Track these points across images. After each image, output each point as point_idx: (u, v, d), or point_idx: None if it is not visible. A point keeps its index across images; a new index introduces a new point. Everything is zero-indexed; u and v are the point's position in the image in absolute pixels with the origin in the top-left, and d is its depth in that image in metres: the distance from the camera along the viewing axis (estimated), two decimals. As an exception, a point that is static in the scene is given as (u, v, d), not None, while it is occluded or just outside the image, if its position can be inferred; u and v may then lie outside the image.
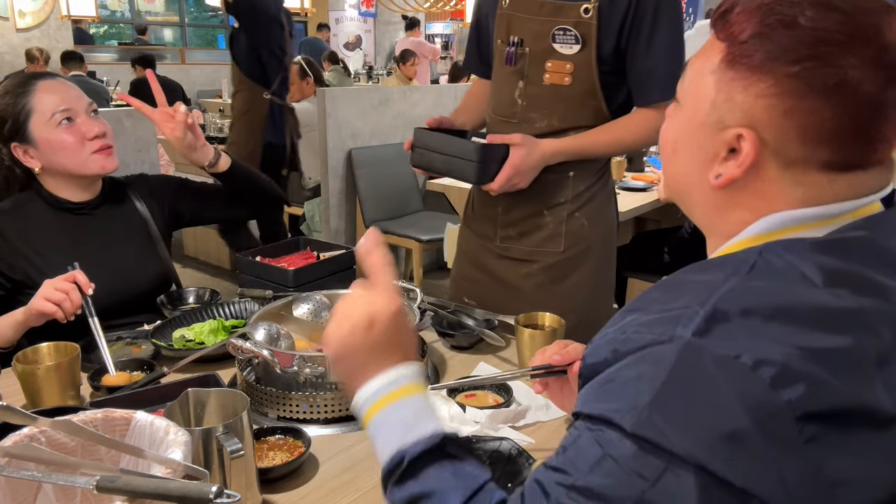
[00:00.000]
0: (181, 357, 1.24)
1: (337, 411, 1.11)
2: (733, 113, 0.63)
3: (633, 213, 2.64)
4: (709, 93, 0.65)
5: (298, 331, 1.26)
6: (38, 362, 1.15)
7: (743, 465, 0.52)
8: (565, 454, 0.60)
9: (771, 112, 0.60)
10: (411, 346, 0.75)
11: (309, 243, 1.83)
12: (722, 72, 0.64)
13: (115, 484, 0.66)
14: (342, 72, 6.66)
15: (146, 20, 10.88)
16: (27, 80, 1.48)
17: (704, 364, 0.54)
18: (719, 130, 0.64)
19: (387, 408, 0.69)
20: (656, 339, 0.57)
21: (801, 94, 0.59)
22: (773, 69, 0.60)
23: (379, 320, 0.71)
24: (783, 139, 0.61)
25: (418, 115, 4.03)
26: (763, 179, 0.63)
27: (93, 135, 1.46)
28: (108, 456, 0.81)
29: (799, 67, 0.59)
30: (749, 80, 0.61)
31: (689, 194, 0.72)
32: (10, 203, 1.52)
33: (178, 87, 6.45)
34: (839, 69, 0.58)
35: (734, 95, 0.63)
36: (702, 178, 0.67)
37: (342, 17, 11.23)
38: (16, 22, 7.69)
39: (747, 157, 0.62)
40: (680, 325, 0.57)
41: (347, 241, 3.82)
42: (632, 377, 0.57)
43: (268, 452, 1.00)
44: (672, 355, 0.55)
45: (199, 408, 0.90)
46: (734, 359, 0.54)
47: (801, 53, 0.59)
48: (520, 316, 1.28)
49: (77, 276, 1.29)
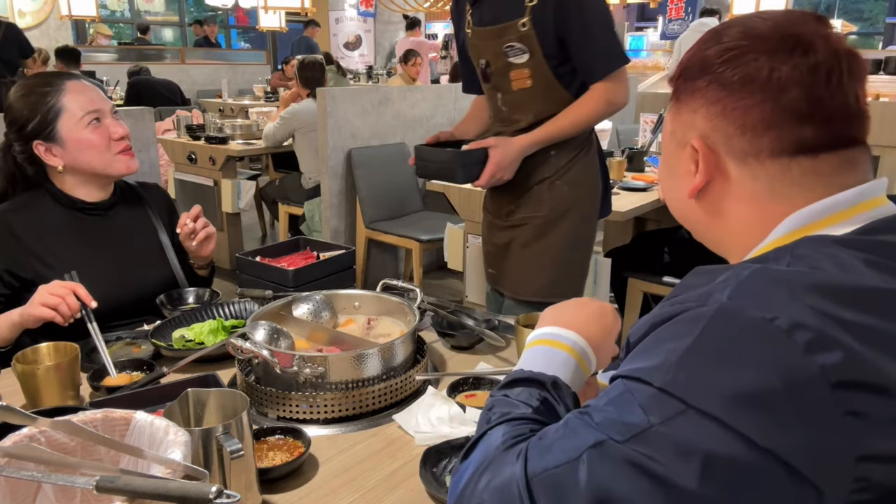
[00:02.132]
0: (181, 357, 1.24)
1: (337, 411, 1.11)
2: (685, 132, 0.73)
3: (633, 213, 2.64)
4: (669, 127, 0.77)
5: (298, 331, 1.26)
6: (37, 362, 1.15)
7: (767, 424, 0.53)
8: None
9: (709, 119, 0.70)
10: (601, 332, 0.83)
11: (309, 243, 1.83)
12: (673, 107, 0.75)
13: (115, 484, 0.66)
14: (336, 72, 6.66)
15: (146, 20, 10.88)
16: (54, 79, 1.48)
17: (738, 324, 0.56)
18: (681, 150, 0.74)
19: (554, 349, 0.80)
20: (690, 306, 0.60)
21: (723, 96, 0.68)
22: (701, 85, 0.70)
23: (602, 309, 0.86)
24: (726, 137, 0.69)
25: (418, 115, 4.03)
26: (729, 181, 0.71)
27: (118, 136, 1.49)
28: (108, 456, 0.80)
29: (712, 75, 0.69)
30: (688, 102, 0.72)
31: (687, 220, 0.79)
32: (22, 201, 1.52)
33: (177, 88, 6.44)
34: (743, 65, 0.67)
35: (681, 118, 0.74)
36: (685, 201, 0.76)
37: (342, 16, 11.23)
38: (16, 21, 7.68)
39: (699, 161, 0.71)
40: (716, 293, 0.60)
41: (347, 241, 3.82)
42: (664, 338, 0.60)
43: (268, 453, 1.00)
44: (705, 316, 0.58)
45: (199, 408, 0.90)
46: (769, 321, 0.55)
47: (718, 62, 0.69)
48: (520, 316, 1.28)
49: (78, 290, 1.30)
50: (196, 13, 11.45)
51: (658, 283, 2.74)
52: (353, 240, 3.85)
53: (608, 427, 0.59)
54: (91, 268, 1.49)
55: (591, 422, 0.60)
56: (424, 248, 3.54)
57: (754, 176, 0.69)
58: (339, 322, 1.35)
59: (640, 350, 0.63)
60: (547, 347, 0.80)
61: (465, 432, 1.04)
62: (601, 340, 0.83)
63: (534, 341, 0.83)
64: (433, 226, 3.57)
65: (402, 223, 3.71)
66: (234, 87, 8.36)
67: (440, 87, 4.52)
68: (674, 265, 2.74)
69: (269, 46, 11.44)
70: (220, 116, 5.26)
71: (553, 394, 0.74)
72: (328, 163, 3.62)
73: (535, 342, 0.82)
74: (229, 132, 4.34)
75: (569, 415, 0.65)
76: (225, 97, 7.12)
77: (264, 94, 7.33)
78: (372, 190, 3.71)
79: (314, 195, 3.98)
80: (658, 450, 0.55)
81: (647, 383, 0.58)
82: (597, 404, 0.62)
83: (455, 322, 1.41)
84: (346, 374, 1.11)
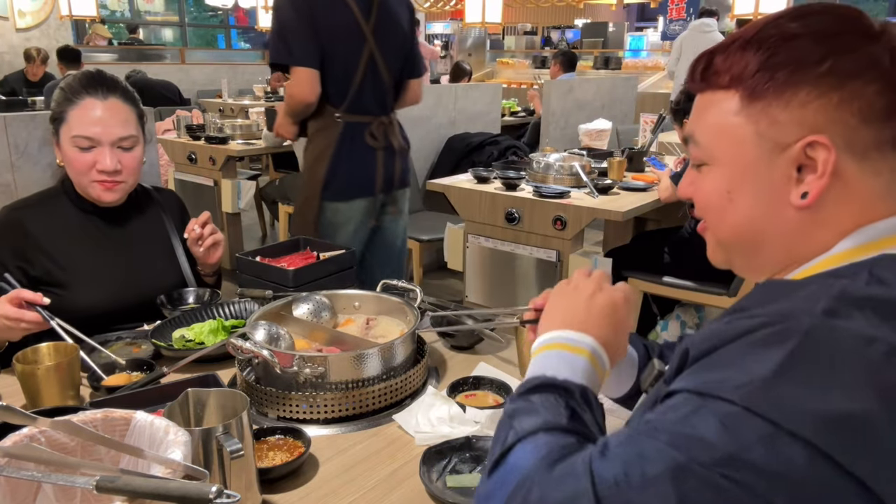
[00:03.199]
0: (181, 357, 1.24)
1: (337, 411, 1.11)
2: (786, 131, 0.64)
3: (633, 213, 2.64)
4: (746, 131, 0.67)
5: (298, 331, 1.26)
6: (37, 362, 1.15)
7: (863, 450, 0.50)
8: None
9: (825, 111, 0.63)
10: (613, 333, 0.78)
11: (309, 243, 1.83)
12: (747, 108, 0.66)
13: (115, 484, 0.66)
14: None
15: (146, 20, 10.88)
16: (81, 87, 1.47)
17: (834, 344, 0.53)
18: (780, 153, 0.65)
19: (567, 352, 0.74)
20: (773, 321, 0.56)
21: (841, 84, 0.62)
22: (803, 77, 0.63)
23: (612, 303, 0.79)
24: (847, 129, 0.63)
25: (418, 114, 4.03)
26: (845, 181, 0.64)
27: (101, 168, 1.46)
28: (108, 456, 0.80)
29: (828, 63, 0.62)
30: (784, 98, 0.64)
31: (762, 234, 0.69)
32: (36, 198, 1.54)
33: (175, 88, 6.44)
34: (860, 51, 0.62)
35: (777, 117, 0.65)
36: (777, 211, 0.67)
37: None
38: (15, 22, 7.69)
39: (826, 161, 0.63)
40: (801, 311, 0.56)
41: (347, 241, 3.81)
42: (744, 353, 0.55)
43: (268, 452, 1.00)
44: (797, 333, 0.54)
45: (199, 408, 0.90)
46: (868, 341, 0.53)
47: (821, 52, 0.63)
48: (520, 316, 1.28)
49: (22, 294, 1.24)
50: (196, 13, 11.46)
51: (658, 282, 2.74)
52: (353, 240, 3.84)
53: (688, 447, 0.53)
54: (101, 269, 1.50)
55: (664, 438, 0.55)
56: (424, 248, 3.54)
57: (877, 171, 0.64)
58: (338, 322, 1.35)
59: (710, 364, 0.58)
60: (566, 353, 0.74)
61: (465, 432, 1.04)
62: (613, 339, 0.77)
63: (548, 345, 0.76)
64: (433, 226, 3.56)
65: (402, 223, 3.71)
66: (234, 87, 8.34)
67: (440, 87, 4.52)
68: (674, 265, 2.74)
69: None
70: (220, 116, 5.25)
71: (581, 404, 0.68)
72: (328, 163, 3.61)
73: (549, 346, 0.75)
74: (229, 132, 4.33)
75: (631, 428, 0.59)
76: (225, 97, 7.11)
77: (264, 94, 7.33)
78: (372, 190, 3.70)
79: (314, 195, 3.98)
80: (748, 474, 0.51)
81: (729, 401, 0.53)
82: (663, 419, 0.56)
83: (455, 322, 1.41)
84: (346, 374, 1.11)
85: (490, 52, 11.07)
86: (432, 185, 3.11)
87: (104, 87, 1.48)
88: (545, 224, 2.72)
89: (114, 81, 1.51)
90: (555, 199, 2.69)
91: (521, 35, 12.43)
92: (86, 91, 1.46)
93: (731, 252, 0.74)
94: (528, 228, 2.77)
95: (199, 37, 11.68)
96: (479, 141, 4.06)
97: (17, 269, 1.45)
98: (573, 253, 2.70)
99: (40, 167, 1.95)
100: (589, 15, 13.12)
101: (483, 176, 3.04)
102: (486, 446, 1.01)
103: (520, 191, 2.85)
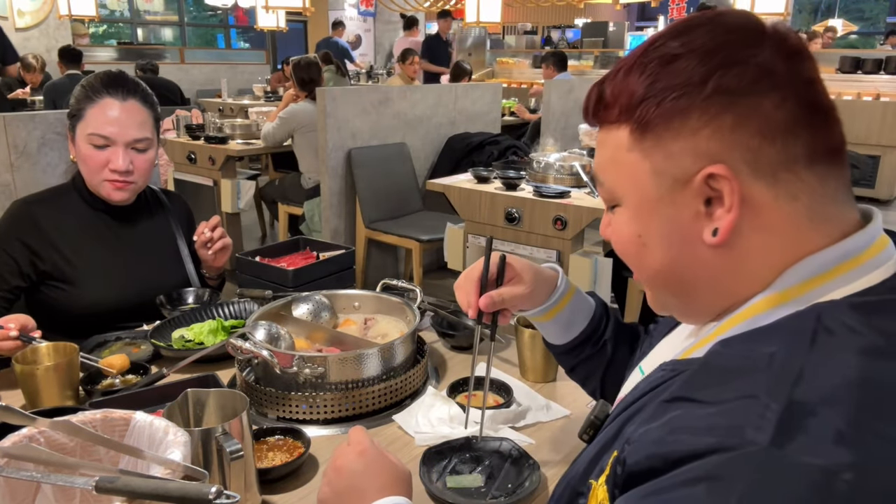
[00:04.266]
0: (181, 357, 1.24)
1: (336, 412, 1.11)
2: (682, 164, 0.57)
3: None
4: (641, 168, 0.60)
5: (298, 331, 1.26)
6: (37, 362, 1.15)
7: None
8: None
9: (719, 137, 0.56)
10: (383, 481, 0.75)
11: (308, 243, 1.83)
12: (640, 142, 0.59)
13: (114, 484, 0.65)
14: (336, 72, 6.65)
15: (145, 19, 10.88)
16: (101, 87, 1.48)
17: (790, 480, 0.43)
18: (681, 189, 0.58)
19: None
20: (720, 445, 0.46)
21: (732, 103, 0.55)
22: (690, 102, 0.56)
23: (344, 468, 0.76)
24: (749, 152, 0.55)
25: (418, 114, 4.03)
26: (758, 210, 0.56)
27: (114, 168, 1.47)
28: (108, 456, 0.80)
29: (713, 82, 0.55)
30: (673, 127, 0.57)
31: (685, 277, 0.62)
32: (48, 194, 1.56)
33: (176, 88, 6.43)
34: (746, 62, 0.55)
35: (670, 150, 0.58)
36: (693, 252, 0.59)
37: (342, 16, 11.22)
38: (15, 21, 7.68)
39: (732, 191, 0.55)
40: (750, 426, 0.46)
41: (347, 241, 3.81)
42: (692, 494, 0.45)
43: (267, 453, 1.00)
44: (746, 468, 0.44)
45: (199, 408, 0.90)
46: (830, 474, 0.43)
47: (703, 71, 0.56)
48: (520, 316, 1.28)
49: (17, 321, 1.23)
50: (196, 13, 11.46)
51: (658, 282, 2.74)
52: (352, 240, 3.84)
53: None
54: (108, 267, 1.52)
55: None
56: (424, 248, 3.54)
57: (792, 195, 0.55)
58: (338, 322, 1.35)
59: (648, 499, 0.48)
60: None
61: (465, 432, 1.04)
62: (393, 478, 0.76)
63: None
64: (433, 226, 3.56)
65: (401, 223, 3.71)
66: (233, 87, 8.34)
67: (440, 87, 4.51)
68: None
69: (269, 46, 11.44)
70: (219, 116, 5.25)
71: None
72: (328, 163, 3.61)
73: None
74: (229, 132, 4.34)
75: None
76: (224, 97, 7.11)
77: (264, 94, 7.33)
78: (372, 190, 3.71)
79: (314, 195, 3.98)
80: None
81: None
82: None
83: (455, 322, 1.41)
84: (345, 375, 1.11)
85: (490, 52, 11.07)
86: (432, 185, 3.12)
87: (124, 89, 1.50)
88: (545, 224, 2.72)
89: (134, 84, 1.52)
90: (555, 199, 2.69)
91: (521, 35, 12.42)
92: (106, 91, 1.48)
93: (663, 297, 0.66)
94: (529, 228, 2.77)
95: (199, 36, 11.67)
96: (479, 141, 4.07)
97: (27, 261, 1.47)
98: (573, 253, 2.70)
99: (40, 167, 1.95)
100: (589, 14, 13.11)
101: (483, 176, 3.04)
102: (485, 447, 1.01)
103: (520, 191, 2.85)
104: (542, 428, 1.11)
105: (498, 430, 1.08)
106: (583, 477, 0.64)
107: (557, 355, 1.01)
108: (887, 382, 0.47)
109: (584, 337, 0.96)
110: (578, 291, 0.97)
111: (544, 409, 1.15)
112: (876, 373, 0.47)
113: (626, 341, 0.97)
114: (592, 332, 0.96)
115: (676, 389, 0.54)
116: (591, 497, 0.59)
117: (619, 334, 0.97)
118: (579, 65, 9.59)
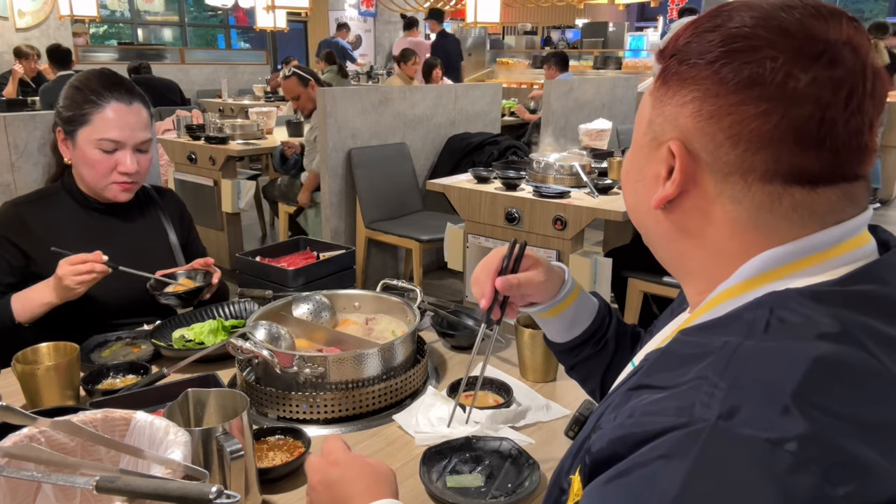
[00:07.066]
0: (181, 357, 1.24)
1: (337, 411, 1.11)
2: (664, 127, 0.60)
3: (632, 213, 2.64)
4: (646, 113, 0.63)
5: (298, 331, 1.26)
6: (37, 362, 1.15)
7: None
8: None
9: (696, 118, 0.56)
10: (365, 483, 0.77)
11: (309, 243, 1.83)
12: (657, 90, 0.61)
13: (115, 484, 0.66)
14: (337, 73, 6.66)
15: (145, 20, 10.88)
16: (104, 92, 1.47)
17: (736, 453, 0.45)
18: (656, 148, 0.61)
19: None
20: (672, 424, 0.48)
21: (721, 93, 0.55)
22: (695, 75, 0.56)
23: (321, 482, 0.79)
24: (713, 145, 0.56)
25: (418, 114, 4.03)
26: (706, 198, 0.58)
27: (124, 170, 1.48)
28: (108, 456, 0.80)
29: (715, 65, 0.55)
30: (678, 91, 0.58)
31: (644, 225, 0.67)
32: (36, 195, 1.56)
33: (176, 88, 6.44)
34: (755, 62, 0.53)
35: (664, 109, 0.60)
36: (648, 205, 0.63)
37: (342, 16, 11.23)
38: (15, 21, 7.69)
39: (680, 169, 0.58)
40: (699, 404, 0.47)
41: (347, 241, 3.81)
42: (648, 474, 0.47)
43: (268, 453, 1.00)
44: (695, 444, 0.46)
45: (199, 408, 0.90)
46: (774, 445, 0.44)
47: (716, 52, 0.55)
48: (520, 316, 1.28)
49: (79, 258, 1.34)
50: (196, 13, 11.46)
51: (658, 282, 2.74)
52: (353, 240, 3.84)
53: None
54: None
55: None
56: (424, 248, 3.54)
57: (735, 199, 0.57)
58: (338, 322, 1.35)
59: (614, 481, 0.49)
60: None
61: (465, 432, 1.04)
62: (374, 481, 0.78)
63: None
64: (433, 226, 3.57)
65: (402, 223, 3.71)
66: (233, 87, 8.35)
67: (440, 87, 4.51)
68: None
69: (269, 46, 11.45)
70: (219, 116, 5.24)
71: None
72: (328, 163, 3.62)
73: None
74: (229, 132, 4.33)
75: None
76: (225, 97, 7.12)
77: (264, 94, 7.33)
78: (372, 190, 3.71)
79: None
80: None
81: None
82: None
83: (455, 322, 1.41)
84: (346, 375, 1.11)
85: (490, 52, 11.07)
86: (432, 185, 3.12)
87: (128, 93, 1.50)
88: (545, 224, 2.72)
89: (132, 85, 1.53)
90: (555, 199, 2.69)
91: (521, 35, 12.43)
92: (110, 94, 1.48)
93: (640, 231, 0.70)
94: (529, 228, 2.77)
95: (199, 37, 11.68)
96: (479, 141, 4.07)
97: (18, 263, 1.46)
98: (573, 253, 2.70)
99: (40, 167, 1.95)
100: (589, 15, 13.12)
101: (483, 176, 3.04)
102: (485, 446, 1.01)
103: (520, 191, 2.85)
104: (541, 428, 1.11)
105: (498, 429, 1.08)
106: (566, 473, 0.64)
107: (558, 353, 1.01)
108: (836, 364, 0.48)
109: (587, 336, 0.96)
110: (583, 290, 0.97)
111: (544, 408, 1.15)
112: (826, 355, 0.48)
113: (627, 342, 0.98)
114: (595, 332, 0.97)
115: (638, 378, 0.56)
116: (570, 491, 0.60)
117: (620, 335, 0.98)
118: (579, 65, 9.60)
